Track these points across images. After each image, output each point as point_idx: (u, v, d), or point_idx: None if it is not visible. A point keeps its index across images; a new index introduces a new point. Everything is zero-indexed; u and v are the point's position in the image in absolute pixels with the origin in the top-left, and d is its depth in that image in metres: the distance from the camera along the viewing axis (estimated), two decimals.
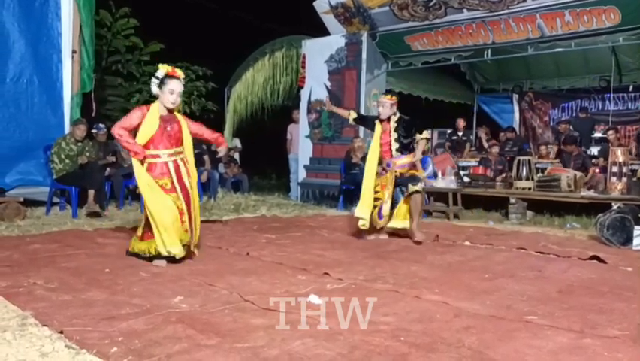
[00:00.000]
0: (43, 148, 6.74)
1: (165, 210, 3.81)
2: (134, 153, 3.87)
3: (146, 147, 3.90)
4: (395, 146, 5.19)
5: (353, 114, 5.57)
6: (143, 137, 3.89)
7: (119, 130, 3.88)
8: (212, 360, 2.10)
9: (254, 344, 2.29)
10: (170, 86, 3.89)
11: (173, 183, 3.90)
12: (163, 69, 3.93)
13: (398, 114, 5.24)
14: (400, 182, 5.25)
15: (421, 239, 5.07)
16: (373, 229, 5.38)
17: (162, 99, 3.92)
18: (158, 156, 3.92)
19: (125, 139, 3.87)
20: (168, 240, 3.81)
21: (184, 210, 3.92)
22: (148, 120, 3.89)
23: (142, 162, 3.90)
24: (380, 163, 5.30)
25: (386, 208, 5.26)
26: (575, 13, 7.47)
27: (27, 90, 6.79)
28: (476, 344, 2.35)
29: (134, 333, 2.38)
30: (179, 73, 3.98)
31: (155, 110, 3.93)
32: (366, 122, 5.61)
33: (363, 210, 5.22)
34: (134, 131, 3.95)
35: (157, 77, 3.92)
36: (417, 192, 5.14)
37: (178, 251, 3.85)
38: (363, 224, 5.27)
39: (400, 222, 5.47)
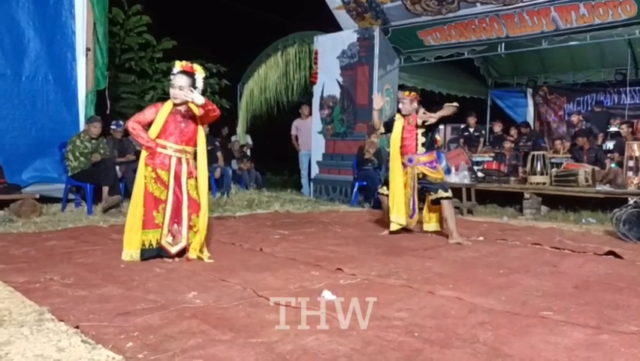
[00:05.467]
0: (58, 145, 6.82)
1: (137, 213, 3.87)
2: (146, 146, 3.92)
3: (157, 136, 3.93)
4: (422, 140, 5.17)
5: (382, 127, 5.50)
6: (155, 128, 3.93)
7: (132, 124, 3.95)
8: (226, 355, 2.11)
9: (268, 339, 2.29)
10: (173, 81, 3.92)
11: (168, 178, 3.91)
12: (178, 65, 3.96)
13: (423, 109, 5.21)
14: (428, 187, 5.21)
15: (461, 242, 4.95)
16: (404, 229, 5.38)
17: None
18: (164, 147, 3.94)
19: (137, 133, 3.93)
20: (126, 242, 3.89)
21: (168, 208, 3.89)
22: (160, 115, 3.93)
23: (152, 155, 3.93)
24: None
25: (411, 206, 5.25)
26: (590, 6, 7.38)
27: (42, 88, 6.86)
28: (491, 339, 2.34)
29: (149, 328, 2.39)
30: (193, 68, 3.96)
31: (169, 105, 3.95)
32: (390, 125, 5.54)
33: (399, 217, 5.19)
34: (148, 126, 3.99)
35: (173, 74, 3.96)
36: (447, 197, 5.11)
37: (131, 257, 3.88)
38: (398, 230, 5.27)
39: (433, 225, 5.49)
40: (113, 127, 7.54)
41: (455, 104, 5.15)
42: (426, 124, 5.11)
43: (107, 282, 3.25)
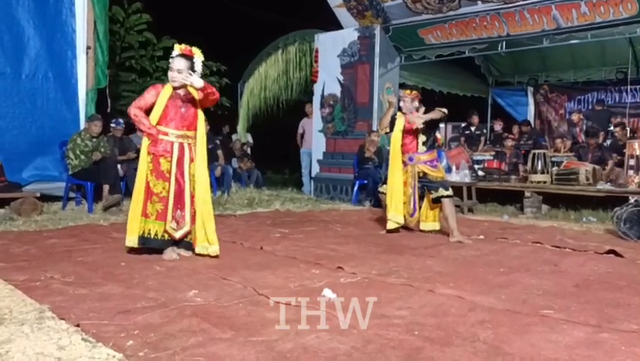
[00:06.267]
0: (59, 144, 6.81)
1: (138, 201, 3.88)
2: (147, 133, 3.90)
3: (158, 122, 3.91)
4: (422, 139, 5.17)
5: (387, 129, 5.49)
6: (155, 114, 3.90)
7: (134, 110, 3.91)
8: (226, 353, 2.11)
9: (268, 337, 2.29)
10: (172, 64, 3.90)
11: (170, 165, 3.89)
12: (177, 49, 3.94)
13: (424, 108, 5.21)
14: (428, 185, 5.21)
15: (462, 240, 4.95)
16: (403, 228, 5.37)
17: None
18: (166, 134, 3.91)
19: (139, 119, 3.89)
20: (129, 229, 3.91)
21: (169, 197, 3.87)
22: (160, 100, 3.90)
23: (154, 143, 3.91)
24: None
25: (411, 205, 5.23)
26: (592, 4, 7.37)
27: (42, 86, 6.86)
28: (491, 338, 2.34)
29: (149, 326, 2.40)
30: (192, 51, 3.95)
31: (169, 90, 3.92)
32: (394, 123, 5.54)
33: (397, 216, 5.18)
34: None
35: (171, 57, 3.95)
36: (448, 196, 5.11)
37: (133, 243, 3.90)
38: (396, 228, 5.26)
39: (430, 224, 5.47)
40: (112, 125, 7.53)
41: (445, 110, 5.10)
42: (413, 127, 5.10)
43: (107, 280, 3.25)
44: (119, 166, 7.02)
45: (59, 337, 2.24)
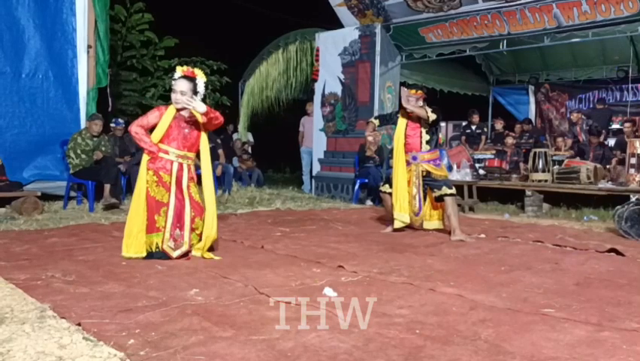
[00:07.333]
0: (59, 143, 6.82)
1: (137, 218, 3.87)
2: (148, 151, 3.93)
3: (160, 141, 3.94)
4: (426, 138, 5.17)
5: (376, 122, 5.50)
6: (158, 133, 3.93)
7: (135, 128, 3.94)
8: (227, 352, 2.11)
9: (269, 336, 2.29)
10: (175, 86, 3.93)
11: (170, 179, 3.91)
12: (179, 70, 3.98)
13: (428, 108, 5.21)
14: (431, 184, 5.21)
15: (463, 239, 4.95)
16: (407, 227, 5.38)
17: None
18: (166, 152, 3.94)
19: (140, 137, 3.93)
20: (125, 245, 3.89)
21: (170, 212, 3.87)
22: (164, 119, 3.93)
23: (153, 160, 3.93)
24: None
25: (416, 204, 5.24)
26: (593, 3, 7.36)
27: (43, 85, 6.87)
28: (492, 336, 2.33)
29: (150, 325, 2.40)
30: (194, 72, 3.98)
31: (173, 110, 3.96)
32: (390, 118, 5.55)
33: (403, 215, 5.17)
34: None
35: (174, 79, 3.98)
36: (451, 194, 5.11)
37: (135, 256, 3.89)
38: (401, 227, 5.26)
39: (435, 222, 5.47)
40: (112, 125, 7.54)
41: (431, 116, 5.10)
42: (411, 114, 5.10)
43: (108, 279, 3.25)
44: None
45: (60, 336, 2.24)
